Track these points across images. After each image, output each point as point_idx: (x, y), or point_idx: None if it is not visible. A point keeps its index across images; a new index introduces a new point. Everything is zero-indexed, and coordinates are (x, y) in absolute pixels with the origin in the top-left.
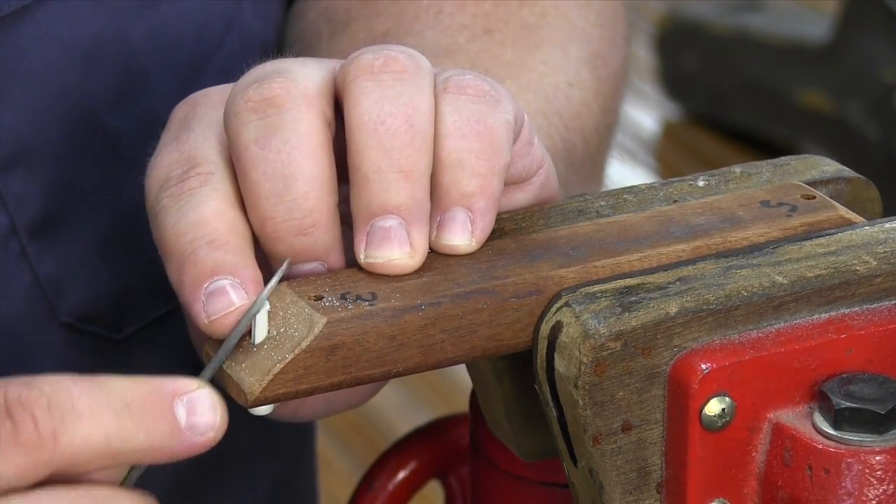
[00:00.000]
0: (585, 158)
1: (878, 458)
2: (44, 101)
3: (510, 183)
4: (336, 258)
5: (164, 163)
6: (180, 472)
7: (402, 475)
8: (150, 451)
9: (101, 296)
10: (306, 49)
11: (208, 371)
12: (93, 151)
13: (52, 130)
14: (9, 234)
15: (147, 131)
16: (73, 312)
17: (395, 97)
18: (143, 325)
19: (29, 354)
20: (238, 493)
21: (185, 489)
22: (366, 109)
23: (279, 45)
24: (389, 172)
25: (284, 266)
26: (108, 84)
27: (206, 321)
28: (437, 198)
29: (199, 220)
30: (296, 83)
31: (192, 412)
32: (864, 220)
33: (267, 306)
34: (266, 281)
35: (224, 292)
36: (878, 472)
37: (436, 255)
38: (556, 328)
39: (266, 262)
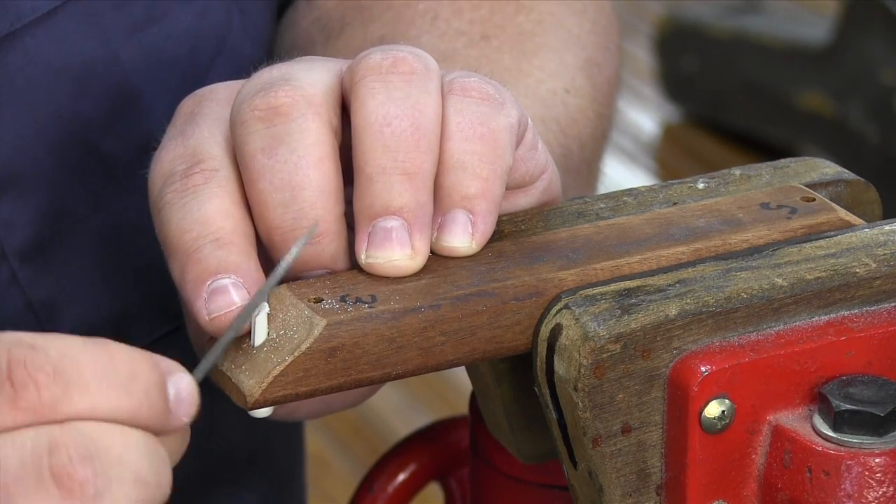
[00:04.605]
0: (582, 165)
1: (877, 460)
2: (33, 125)
3: (513, 187)
4: (343, 266)
5: (169, 157)
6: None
7: (401, 477)
8: (146, 427)
9: (99, 318)
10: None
11: (202, 369)
12: (86, 175)
13: (42, 155)
14: None
15: (141, 153)
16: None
17: (401, 99)
18: (144, 346)
19: None
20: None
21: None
22: (372, 110)
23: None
24: (393, 174)
25: (285, 264)
26: (101, 107)
27: (206, 318)
28: (438, 199)
29: (203, 218)
30: (302, 90)
31: (178, 393)
32: (863, 222)
33: (266, 309)
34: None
35: (226, 291)
36: (878, 475)
37: (435, 258)
38: (556, 330)
39: (268, 261)
